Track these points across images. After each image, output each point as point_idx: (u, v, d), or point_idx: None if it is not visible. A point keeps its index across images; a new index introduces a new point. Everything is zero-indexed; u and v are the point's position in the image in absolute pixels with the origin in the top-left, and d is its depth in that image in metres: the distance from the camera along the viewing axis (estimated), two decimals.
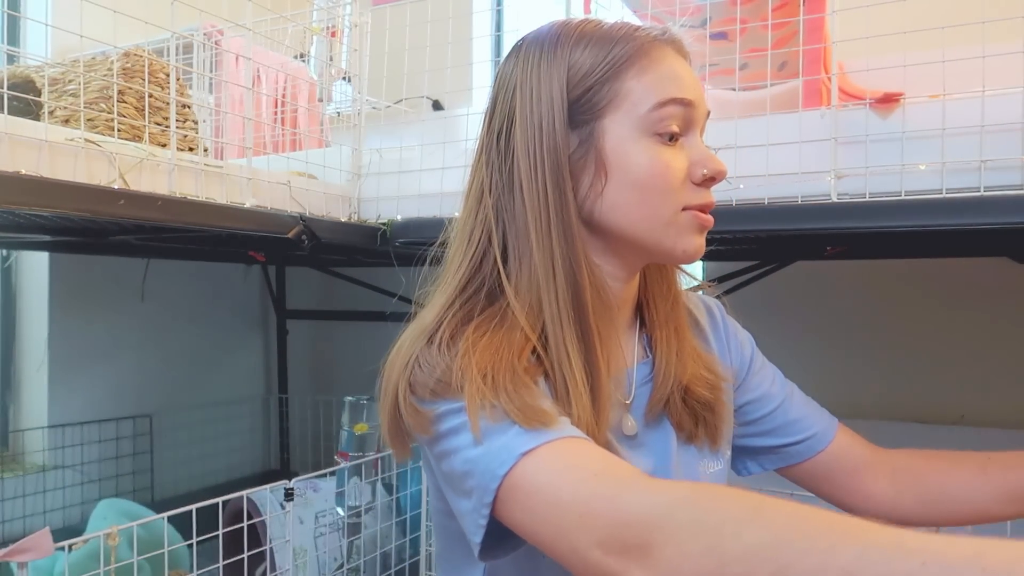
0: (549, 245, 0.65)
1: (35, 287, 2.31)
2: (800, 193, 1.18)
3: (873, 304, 2.13)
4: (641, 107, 0.66)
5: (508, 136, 0.68)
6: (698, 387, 0.73)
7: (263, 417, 2.91)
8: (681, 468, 0.73)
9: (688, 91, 0.67)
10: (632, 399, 0.72)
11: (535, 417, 0.58)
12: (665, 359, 0.73)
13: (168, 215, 1.19)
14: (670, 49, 0.69)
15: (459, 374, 0.61)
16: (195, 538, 1.21)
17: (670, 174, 0.66)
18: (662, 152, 0.66)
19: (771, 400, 0.83)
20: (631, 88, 0.66)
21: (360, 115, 1.68)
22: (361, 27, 1.80)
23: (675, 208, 0.67)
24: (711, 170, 0.67)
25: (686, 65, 0.70)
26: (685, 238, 0.68)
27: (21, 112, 1.14)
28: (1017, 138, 1.05)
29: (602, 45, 0.67)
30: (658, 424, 0.73)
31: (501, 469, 0.56)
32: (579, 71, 0.67)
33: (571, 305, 0.65)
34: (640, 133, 0.66)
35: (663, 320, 0.74)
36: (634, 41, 0.68)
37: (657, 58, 0.67)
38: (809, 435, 0.82)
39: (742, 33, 1.37)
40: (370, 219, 1.61)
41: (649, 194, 0.66)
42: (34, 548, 0.96)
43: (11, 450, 2.28)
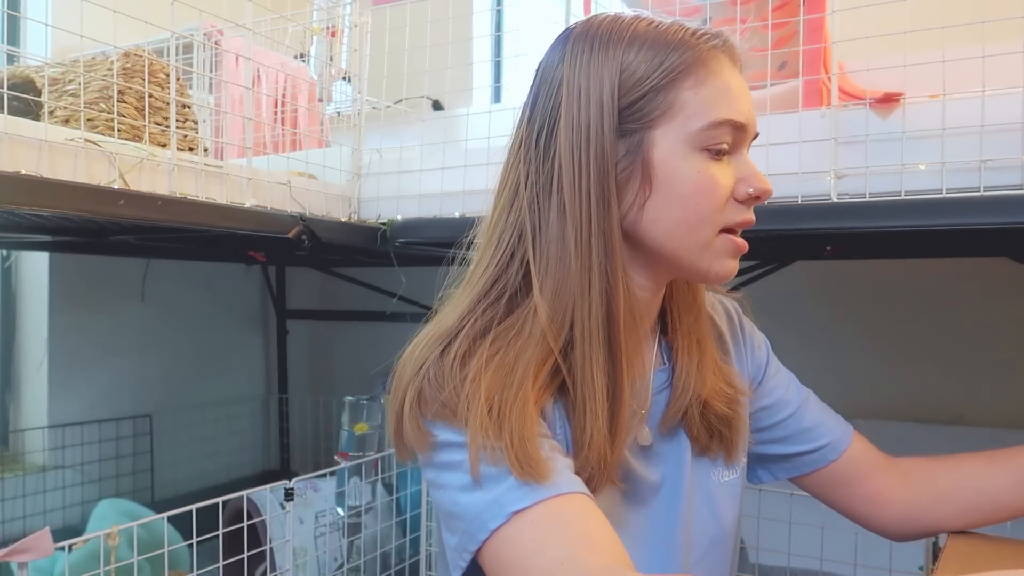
0: (588, 256, 0.63)
1: (35, 287, 2.30)
2: (800, 193, 1.18)
3: (873, 304, 2.13)
4: (695, 123, 0.63)
5: (551, 135, 0.65)
6: (717, 401, 0.72)
7: (263, 417, 2.91)
8: (694, 478, 0.72)
9: (744, 113, 0.66)
10: (648, 408, 0.71)
11: (532, 469, 0.57)
12: (685, 371, 0.71)
13: (168, 215, 1.19)
14: (726, 59, 0.66)
15: (466, 403, 0.60)
16: (195, 538, 1.21)
17: (717, 191, 0.65)
18: (710, 168, 0.64)
19: (786, 406, 0.82)
20: (686, 101, 0.64)
21: (360, 115, 1.68)
22: (361, 27, 1.80)
23: (715, 229, 0.66)
24: (757, 189, 0.66)
25: (740, 78, 0.67)
26: (720, 261, 0.67)
27: (21, 112, 1.14)
28: (1017, 138, 1.05)
29: (657, 49, 0.64)
30: (674, 435, 0.72)
31: (492, 523, 0.57)
32: (632, 76, 0.64)
33: (603, 320, 0.63)
34: (690, 148, 0.64)
35: (686, 331, 0.73)
36: (692, 49, 0.64)
37: (715, 70, 0.65)
38: (823, 443, 0.81)
39: (742, 33, 1.37)
40: (370, 219, 1.61)
41: (693, 210, 0.64)
42: (34, 548, 0.96)
43: (11, 450, 2.28)
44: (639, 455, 0.70)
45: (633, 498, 0.69)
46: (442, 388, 0.61)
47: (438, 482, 0.62)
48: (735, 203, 0.66)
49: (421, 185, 1.53)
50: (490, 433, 0.58)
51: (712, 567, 0.73)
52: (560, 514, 0.57)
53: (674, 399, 0.71)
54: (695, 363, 0.71)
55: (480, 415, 0.59)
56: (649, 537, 0.70)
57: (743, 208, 0.67)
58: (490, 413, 0.59)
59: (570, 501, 0.58)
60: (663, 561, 0.70)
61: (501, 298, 0.65)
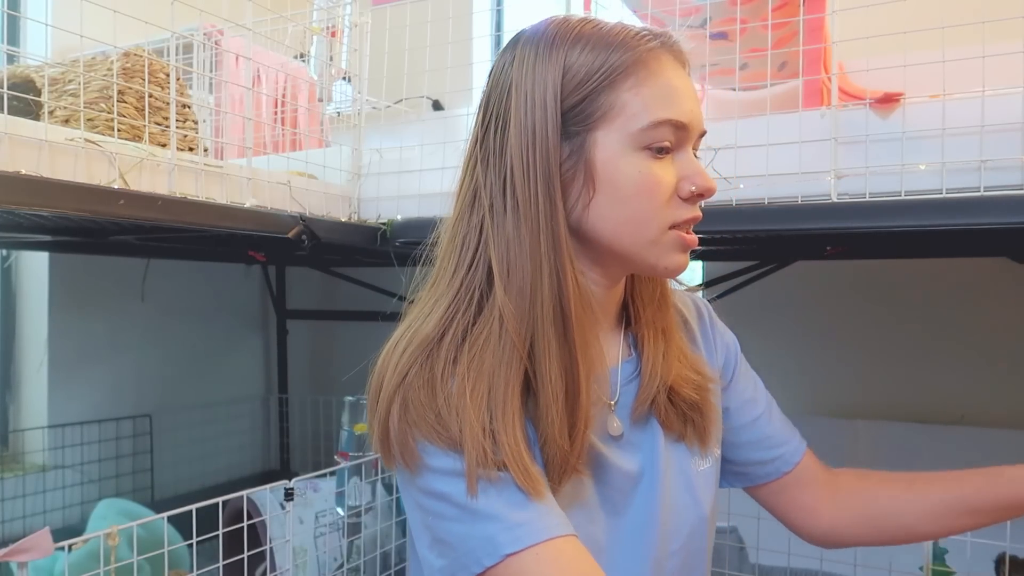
0: (539, 255, 0.64)
1: (35, 287, 2.30)
2: (800, 193, 1.18)
3: (873, 304, 2.13)
4: (635, 123, 0.65)
5: (503, 137, 0.67)
6: (684, 387, 0.73)
7: (263, 417, 2.91)
8: (672, 466, 0.74)
9: (685, 112, 0.66)
10: (617, 399, 0.73)
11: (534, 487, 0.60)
12: (651, 360, 0.73)
13: (168, 215, 1.19)
14: (669, 58, 0.67)
15: (457, 423, 0.61)
16: (195, 538, 1.21)
17: (659, 189, 0.66)
18: (652, 167, 0.66)
19: (750, 410, 0.83)
20: (626, 101, 0.65)
21: (360, 115, 1.68)
22: (361, 27, 1.80)
23: (661, 226, 0.67)
24: (699, 187, 0.67)
25: (685, 76, 0.68)
26: (668, 256, 0.68)
27: (21, 112, 1.14)
28: (1017, 138, 1.05)
29: (599, 51, 0.65)
30: (646, 424, 0.73)
31: (486, 560, 0.59)
32: (573, 78, 0.65)
33: (556, 316, 0.64)
34: (631, 147, 0.65)
35: (649, 321, 0.74)
36: (633, 50, 0.65)
37: (656, 70, 0.66)
38: (779, 454, 0.82)
39: (742, 33, 1.37)
40: (370, 219, 1.61)
41: (636, 209, 0.66)
42: (34, 548, 0.96)
43: (11, 450, 2.28)
44: (612, 445, 0.71)
45: (610, 488, 0.70)
46: (431, 402, 0.62)
47: (427, 507, 0.63)
48: (679, 201, 0.67)
49: (421, 185, 1.53)
50: (488, 459, 0.60)
51: (693, 554, 0.74)
52: (554, 560, 0.59)
53: (642, 388, 0.72)
54: (660, 352, 0.73)
55: (475, 440, 0.60)
56: (629, 526, 0.71)
57: (688, 206, 0.68)
58: (484, 433, 0.61)
59: (563, 545, 0.60)
60: (644, 549, 0.71)
61: (472, 301, 0.67)
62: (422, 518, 0.64)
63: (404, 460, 0.64)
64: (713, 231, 1.31)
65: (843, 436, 2.10)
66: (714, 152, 1.24)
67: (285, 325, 2.84)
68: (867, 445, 2.08)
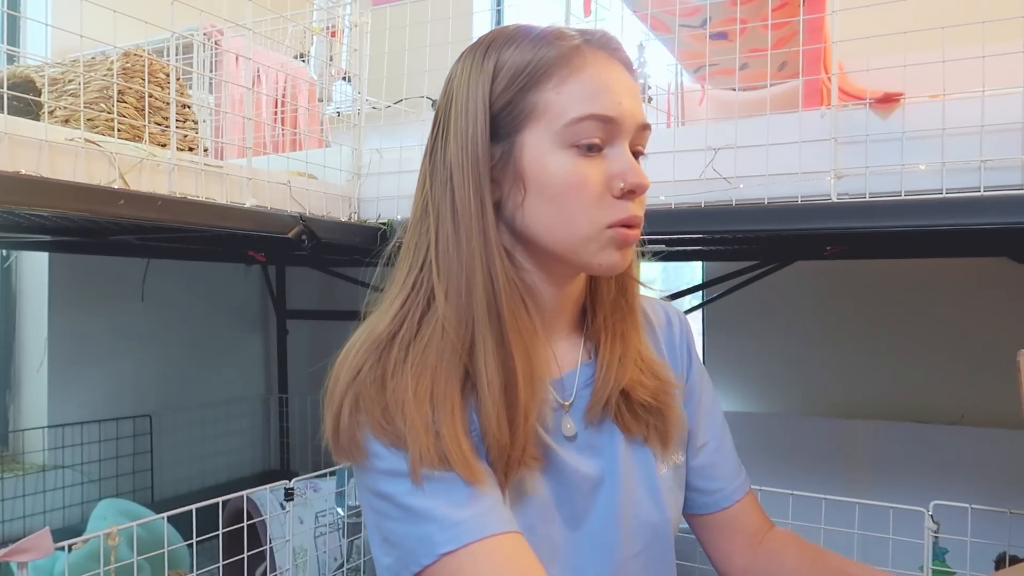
0: (472, 255, 0.66)
1: (35, 287, 2.31)
2: (800, 193, 1.18)
3: (873, 304, 2.13)
4: (559, 121, 0.65)
5: (445, 146, 0.69)
6: (638, 392, 0.72)
7: (263, 417, 2.91)
8: (635, 469, 0.73)
9: (611, 106, 0.65)
10: (572, 401, 0.73)
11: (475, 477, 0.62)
12: (606, 363, 0.72)
13: (168, 215, 1.19)
14: (598, 54, 0.67)
15: (403, 416, 0.63)
16: (195, 538, 1.21)
17: (586, 187, 0.65)
18: (579, 165, 0.65)
19: (702, 434, 0.81)
20: (550, 100, 0.65)
21: (360, 115, 1.68)
22: (361, 27, 1.80)
23: (594, 224, 0.65)
24: (629, 183, 0.65)
25: (615, 71, 0.67)
26: (603, 254, 0.67)
27: (21, 112, 1.14)
28: (1017, 138, 1.05)
29: (523, 53, 0.66)
30: (604, 426, 0.73)
31: (424, 559, 0.60)
32: (500, 82, 0.66)
33: (489, 313, 0.66)
34: (557, 146, 0.65)
35: (608, 326, 0.74)
36: (555, 49, 0.66)
37: (579, 67, 0.65)
38: (719, 487, 0.80)
39: (742, 33, 1.37)
40: (370, 219, 1.61)
41: (565, 208, 0.65)
42: (34, 548, 0.96)
43: (11, 450, 2.28)
44: (568, 446, 0.71)
45: (569, 489, 0.71)
46: (379, 398, 0.64)
47: (375, 507, 0.65)
48: (612, 199, 0.66)
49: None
50: (431, 453, 0.62)
51: (655, 557, 0.74)
52: (489, 558, 0.60)
53: (595, 391, 0.72)
54: (617, 356, 0.73)
55: (416, 434, 0.62)
56: (589, 528, 0.71)
57: (624, 203, 0.66)
58: (427, 430, 0.62)
59: (501, 543, 0.61)
60: (605, 552, 0.71)
61: (421, 301, 0.69)
62: (372, 518, 0.66)
63: (353, 455, 0.65)
64: (713, 231, 1.31)
65: (843, 436, 2.10)
66: (714, 152, 1.24)
67: (285, 325, 2.84)
68: (867, 445, 2.08)
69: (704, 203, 1.25)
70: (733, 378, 2.34)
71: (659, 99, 1.63)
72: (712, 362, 2.39)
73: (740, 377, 2.32)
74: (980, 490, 1.77)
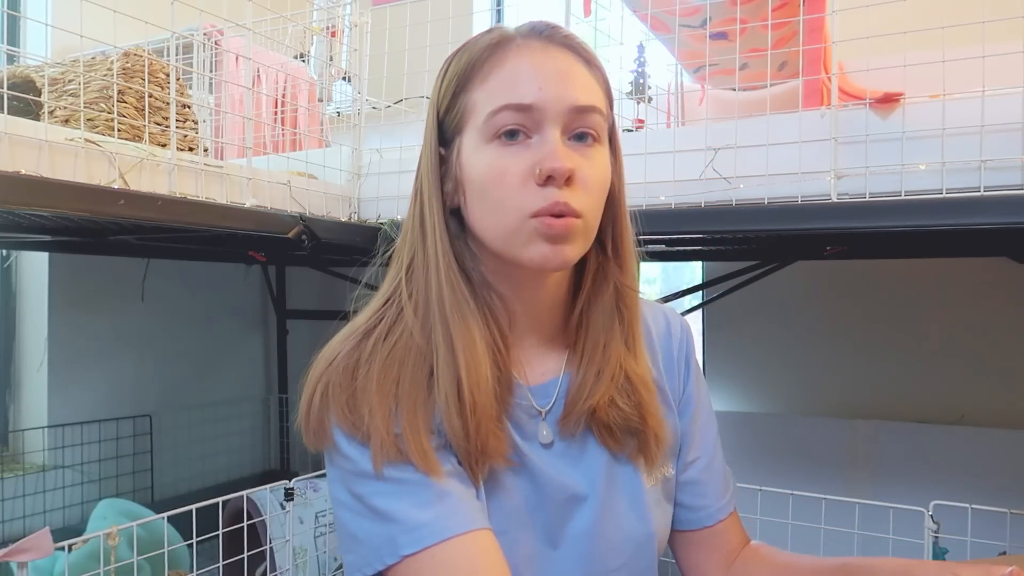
0: (426, 261, 0.69)
1: (35, 287, 2.31)
2: (800, 193, 1.18)
3: (873, 304, 2.13)
4: (481, 117, 0.65)
5: (420, 157, 0.73)
6: (611, 414, 0.70)
7: (263, 417, 2.91)
8: (618, 482, 0.72)
9: (528, 93, 0.64)
10: (550, 408, 0.72)
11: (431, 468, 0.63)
12: (580, 379, 0.71)
13: (168, 215, 1.19)
14: (528, 44, 0.67)
15: (366, 408, 0.65)
16: (195, 538, 1.21)
17: (506, 176, 0.64)
18: (500, 156, 0.65)
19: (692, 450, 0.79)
20: (476, 99, 0.66)
21: (360, 115, 1.68)
22: (361, 27, 1.80)
23: (518, 214, 0.64)
24: (545, 168, 0.62)
25: (543, 57, 0.66)
26: (532, 246, 0.65)
27: (21, 112, 1.14)
28: (1017, 138, 1.05)
29: (460, 58, 0.68)
30: (586, 438, 0.72)
31: (387, 559, 0.62)
32: (443, 89, 0.68)
33: (440, 315, 0.67)
34: (482, 141, 0.65)
35: (589, 335, 0.72)
36: (482, 48, 0.67)
37: (499, 61, 0.66)
38: (703, 504, 0.78)
39: (742, 33, 1.37)
40: (370, 219, 1.61)
41: (491, 201, 0.65)
42: (34, 548, 0.96)
43: (11, 450, 2.28)
44: (544, 453, 0.71)
45: (545, 498, 0.70)
46: (348, 386, 0.66)
47: (344, 502, 0.67)
48: (536, 188, 0.64)
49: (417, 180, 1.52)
50: (391, 446, 0.63)
51: (638, 571, 0.73)
52: (449, 560, 0.61)
53: (567, 404, 0.71)
54: (594, 371, 0.71)
55: (376, 427, 0.64)
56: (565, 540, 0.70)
57: (547, 191, 0.63)
58: (389, 423, 0.64)
59: (463, 543, 0.62)
60: (581, 563, 0.70)
61: (400, 300, 0.71)
62: (340, 514, 0.68)
63: (320, 441, 0.67)
64: (713, 231, 1.31)
65: (843, 436, 2.10)
66: (714, 152, 1.24)
67: (285, 325, 2.84)
68: (867, 445, 2.08)
69: (704, 203, 1.25)
70: (733, 378, 2.34)
71: (659, 99, 1.63)
72: (712, 362, 2.40)
73: (740, 377, 2.32)
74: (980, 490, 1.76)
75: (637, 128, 1.51)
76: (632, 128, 1.51)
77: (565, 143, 0.65)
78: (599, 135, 0.66)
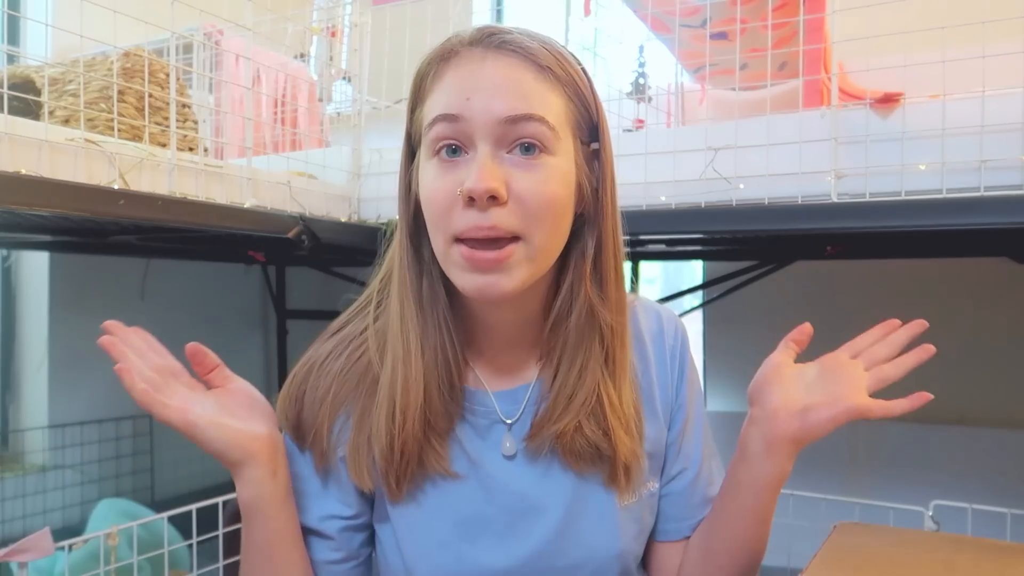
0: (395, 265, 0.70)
1: (35, 287, 2.30)
2: (800, 193, 1.18)
3: (873, 304, 2.13)
4: (423, 131, 0.64)
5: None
6: (576, 440, 0.68)
7: None
8: (587, 500, 0.70)
9: (454, 104, 0.60)
10: (517, 419, 0.70)
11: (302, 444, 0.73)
12: (552, 401, 0.68)
13: (168, 215, 1.19)
14: (470, 53, 0.63)
15: (277, 408, 0.73)
16: (195, 538, 1.21)
17: (434, 196, 0.61)
18: (436, 174, 0.62)
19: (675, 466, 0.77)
20: (424, 113, 0.65)
21: (360, 115, 1.68)
22: (361, 27, 1.80)
23: (445, 236, 0.61)
24: (464, 189, 0.59)
25: (480, 66, 0.62)
26: (459, 275, 0.62)
27: (21, 112, 1.14)
28: (1017, 138, 1.05)
29: (416, 72, 0.67)
30: (551, 455, 0.70)
31: None
32: (409, 102, 0.68)
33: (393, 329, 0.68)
34: (426, 157, 0.64)
35: (563, 354, 0.68)
36: (425, 63, 0.66)
37: (439, 74, 0.64)
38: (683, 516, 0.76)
39: (742, 33, 1.37)
40: (370, 219, 1.61)
41: (428, 219, 0.63)
42: (34, 548, 0.96)
43: (11, 450, 2.28)
44: (506, 465, 0.70)
45: (502, 509, 0.69)
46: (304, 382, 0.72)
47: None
48: (461, 209, 0.60)
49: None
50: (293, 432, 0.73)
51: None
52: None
53: (535, 424, 0.69)
54: (567, 395, 0.67)
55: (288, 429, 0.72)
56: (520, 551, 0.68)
57: (468, 213, 0.59)
58: (295, 431, 0.73)
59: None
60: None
61: (380, 304, 0.72)
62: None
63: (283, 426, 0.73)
64: (713, 231, 1.31)
65: (843, 436, 2.10)
66: (714, 152, 1.24)
67: (285, 325, 2.84)
68: (868, 445, 2.08)
69: (704, 203, 1.25)
70: (733, 378, 2.34)
71: (659, 99, 1.63)
72: (712, 362, 2.39)
73: (740, 377, 2.32)
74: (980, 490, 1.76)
75: (637, 128, 1.51)
76: (632, 128, 1.51)
77: (502, 158, 0.61)
78: (547, 145, 0.61)
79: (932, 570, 0.62)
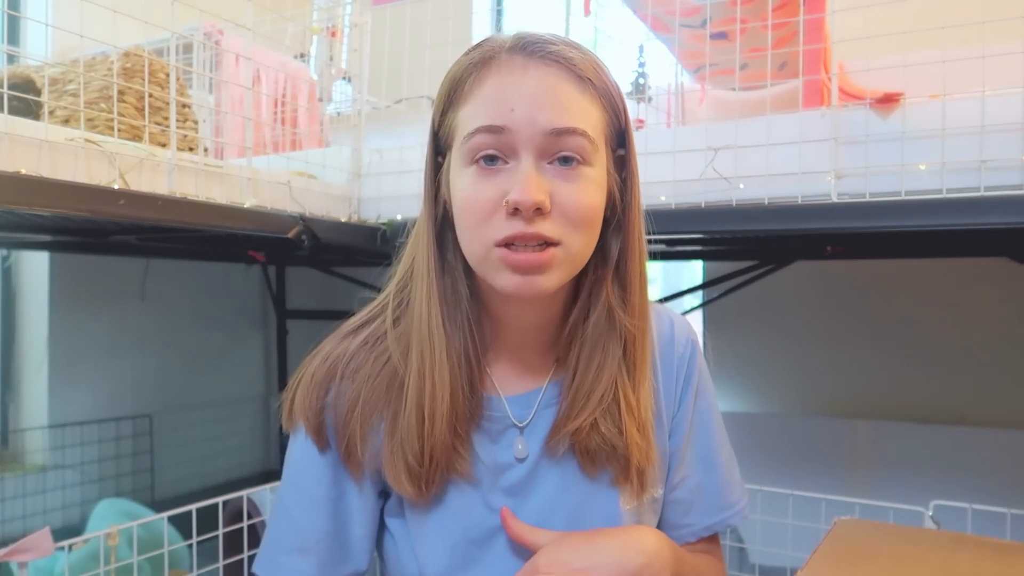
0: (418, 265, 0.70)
1: (35, 287, 2.30)
2: (800, 193, 1.18)
3: (873, 304, 2.13)
4: (460, 138, 0.64)
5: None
6: (592, 436, 0.68)
7: (263, 417, 2.91)
8: (595, 501, 0.71)
9: (498, 115, 0.61)
10: (528, 422, 0.71)
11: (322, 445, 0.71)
12: (570, 400, 0.69)
13: (168, 215, 1.19)
14: (512, 61, 0.63)
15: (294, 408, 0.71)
16: (195, 538, 1.21)
17: (475, 204, 0.62)
18: (475, 181, 0.63)
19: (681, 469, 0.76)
20: (459, 120, 0.65)
21: (360, 115, 1.68)
22: (361, 27, 1.80)
23: (484, 243, 0.63)
24: (511, 200, 0.60)
25: (522, 75, 0.62)
26: (499, 275, 0.63)
27: (21, 112, 1.14)
28: (1017, 138, 1.05)
29: (452, 73, 0.66)
30: (565, 456, 0.70)
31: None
32: (437, 104, 0.68)
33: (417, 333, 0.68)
34: (463, 164, 0.64)
35: (581, 354, 0.69)
36: (469, 64, 0.65)
37: (482, 79, 0.63)
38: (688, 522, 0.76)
39: (742, 33, 1.37)
40: (370, 219, 1.61)
41: (464, 225, 0.64)
42: (34, 548, 0.96)
43: (11, 450, 2.28)
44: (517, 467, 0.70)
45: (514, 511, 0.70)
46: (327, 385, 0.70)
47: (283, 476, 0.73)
48: (503, 217, 0.61)
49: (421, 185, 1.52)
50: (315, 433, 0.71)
51: None
52: None
53: (556, 424, 0.70)
54: (584, 395, 0.68)
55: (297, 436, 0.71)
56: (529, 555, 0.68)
57: (512, 222, 0.61)
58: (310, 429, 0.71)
59: None
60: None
61: (400, 306, 0.72)
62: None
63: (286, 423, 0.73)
64: (713, 231, 1.31)
65: (843, 436, 2.10)
66: (714, 152, 1.24)
67: (285, 325, 2.84)
68: (867, 445, 2.08)
69: (704, 203, 1.25)
70: (733, 378, 2.34)
71: (659, 99, 1.63)
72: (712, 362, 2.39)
73: (740, 377, 2.32)
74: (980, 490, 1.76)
75: (637, 128, 1.51)
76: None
77: (544, 168, 0.62)
78: (586, 157, 0.63)
79: (932, 566, 0.62)
